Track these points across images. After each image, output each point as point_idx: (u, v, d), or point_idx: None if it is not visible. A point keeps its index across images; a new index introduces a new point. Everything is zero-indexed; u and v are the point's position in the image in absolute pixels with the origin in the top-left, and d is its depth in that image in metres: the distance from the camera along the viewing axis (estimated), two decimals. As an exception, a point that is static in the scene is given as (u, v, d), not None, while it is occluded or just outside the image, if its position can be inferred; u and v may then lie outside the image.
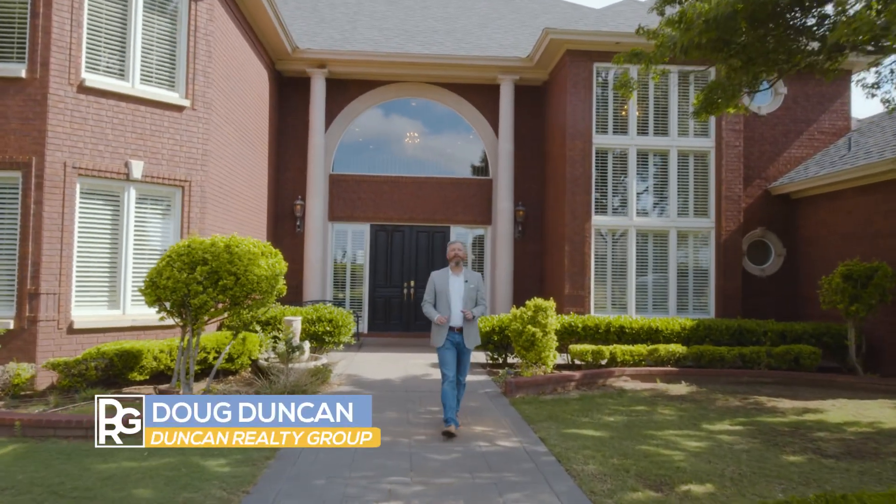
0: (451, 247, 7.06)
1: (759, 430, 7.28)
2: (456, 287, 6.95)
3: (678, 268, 13.57)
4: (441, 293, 6.95)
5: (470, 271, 7.14)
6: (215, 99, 10.65)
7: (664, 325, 11.30)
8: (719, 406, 8.61)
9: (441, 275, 7.10)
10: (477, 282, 7.09)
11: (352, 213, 16.02)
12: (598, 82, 13.67)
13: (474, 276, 7.11)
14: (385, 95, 16.26)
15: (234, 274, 7.56)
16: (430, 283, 7.12)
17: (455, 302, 6.90)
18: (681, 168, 13.72)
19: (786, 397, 9.37)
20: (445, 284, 6.96)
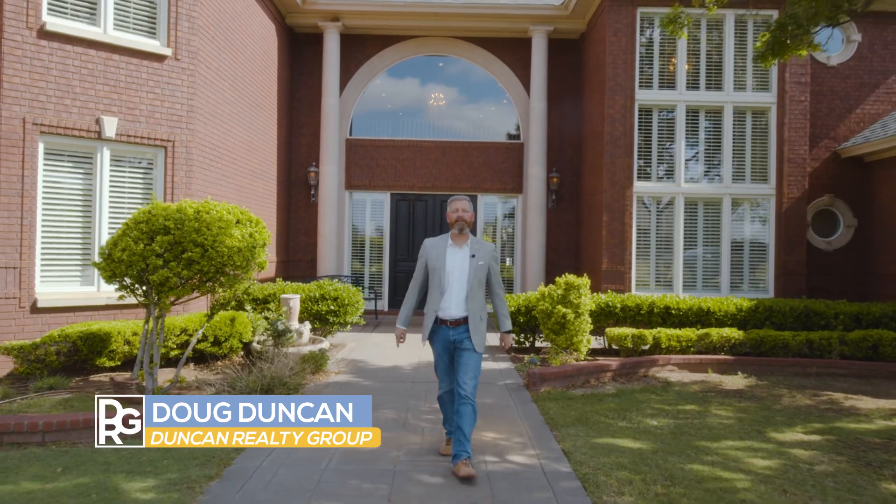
0: (453, 205, 4.96)
1: (841, 441, 5.82)
2: (457, 262, 4.89)
3: (732, 241, 11.98)
4: (435, 271, 4.89)
5: (480, 241, 5.02)
6: (203, 48, 9.41)
7: (717, 305, 9.79)
8: (786, 405, 7.15)
9: (437, 244, 4.99)
10: (488, 256, 4.95)
11: (370, 181, 14.75)
12: (643, 31, 12.03)
13: (485, 249, 4.96)
14: (406, 52, 14.84)
15: (200, 245, 6.35)
16: (421, 254, 5.04)
17: (455, 284, 4.87)
18: (737, 127, 12.06)
19: (866, 394, 7.84)
20: (442, 258, 4.89)
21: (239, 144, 11.11)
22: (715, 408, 6.92)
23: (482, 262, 4.90)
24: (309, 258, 14.67)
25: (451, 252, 4.93)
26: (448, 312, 4.86)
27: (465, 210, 4.91)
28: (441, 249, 4.95)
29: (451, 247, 4.94)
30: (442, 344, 4.92)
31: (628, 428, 6.00)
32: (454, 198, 5.01)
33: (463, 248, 4.92)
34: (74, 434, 5.16)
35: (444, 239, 5.00)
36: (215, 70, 9.91)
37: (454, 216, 4.93)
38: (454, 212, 4.94)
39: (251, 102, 11.71)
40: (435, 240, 5.05)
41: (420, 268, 5.04)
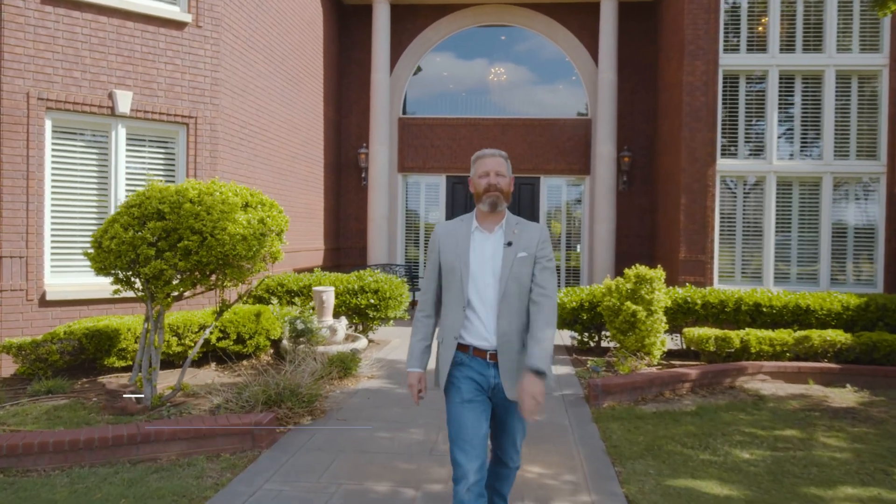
0: (481, 164, 3.11)
1: None
2: (486, 256, 3.02)
3: (832, 226, 10.35)
4: (454, 271, 3.03)
5: (521, 222, 3.12)
6: (229, 15, 8.54)
7: (817, 302, 8.30)
8: (914, 431, 5.73)
9: (454, 230, 3.12)
10: (533, 243, 3.03)
11: (424, 163, 13.72)
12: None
13: (529, 232, 3.07)
14: (461, 22, 13.69)
15: (198, 232, 5.45)
16: (431, 246, 3.21)
17: (484, 291, 2.99)
18: (840, 95, 10.39)
19: None
20: (463, 251, 3.03)
21: (276, 123, 10.25)
22: (822, 434, 5.57)
23: (524, 252, 2.97)
24: (360, 245, 13.80)
25: (478, 240, 3.02)
26: (475, 336, 2.97)
27: (498, 172, 3.02)
28: (460, 237, 3.04)
29: (478, 232, 3.03)
30: (471, 385, 2.98)
31: (712, 463, 4.76)
32: (482, 154, 3.11)
33: (495, 232, 3.02)
34: (30, 460, 4.34)
35: (466, 221, 3.09)
36: (245, 40, 9.03)
37: (482, 182, 3.02)
38: (482, 175, 3.04)
39: (290, 77, 10.82)
40: (451, 223, 3.14)
41: (432, 269, 3.14)
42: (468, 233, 3.04)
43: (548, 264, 3.02)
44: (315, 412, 5.67)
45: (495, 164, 3.05)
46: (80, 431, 4.46)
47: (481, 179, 3.04)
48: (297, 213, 11.18)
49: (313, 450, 4.80)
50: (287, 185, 10.71)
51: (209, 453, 4.61)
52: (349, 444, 4.94)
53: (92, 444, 4.35)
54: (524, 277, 2.96)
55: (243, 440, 4.72)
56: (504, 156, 3.12)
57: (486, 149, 3.11)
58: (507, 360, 2.93)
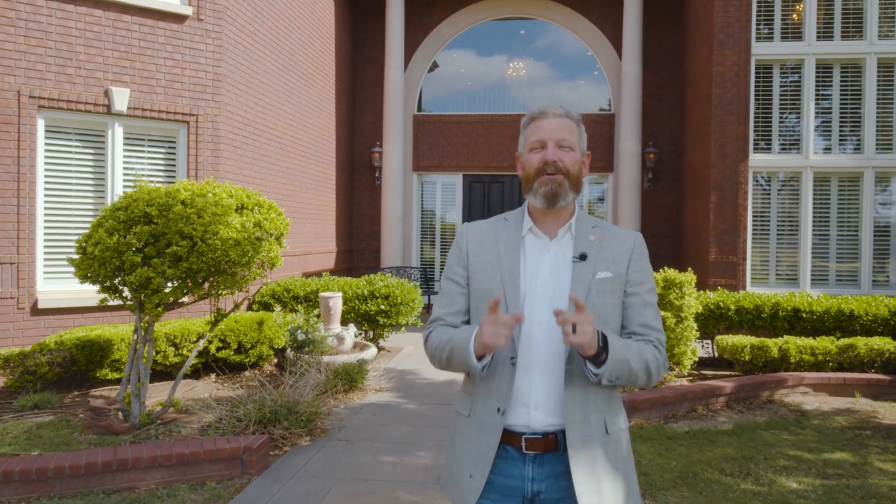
0: (537, 127, 1.90)
1: None
2: (545, 275, 1.89)
3: (875, 225, 9.69)
4: (482, 294, 1.90)
5: (603, 224, 1.98)
6: (232, 8, 8.13)
7: (862, 307, 7.68)
8: (980, 454, 5.13)
9: (490, 234, 1.99)
10: (624, 261, 1.91)
11: (440, 162, 13.24)
12: (761, -30, 9.87)
13: (617, 241, 1.94)
14: (478, 15, 13.19)
15: (188, 237, 5.02)
16: (454, 256, 2.02)
17: (537, 338, 1.84)
18: (882, 85, 9.72)
19: None
20: (511, 268, 1.89)
21: (284, 121, 9.84)
22: (877, 458, 5.00)
23: (608, 272, 1.88)
24: (374, 247, 13.37)
25: (532, 250, 1.93)
26: (524, 412, 1.84)
27: (562, 143, 1.87)
28: (504, 245, 1.95)
29: (532, 237, 1.95)
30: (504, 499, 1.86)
31: (756, 495, 4.22)
32: (537, 113, 1.93)
33: (559, 238, 1.93)
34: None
35: (513, 221, 2.00)
36: (250, 34, 8.63)
37: (535, 158, 1.89)
38: (535, 147, 1.90)
39: (300, 74, 10.41)
40: (488, 223, 2.04)
41: (452, 288, 2.00)
42: (516, 239, 1.92)
43: (649, 296, 1.90)
44: (315, 431, 5.23)
45: (558, 127, 1.86)
46: (51, 457, 4.05)
47: (533, 154, 1.88)
48: (307, 215, 10.77)
49: (308, 477, 4.35)
50: (296, 186, 10.30)
51: (193, 481, 4.17)
52: (348, 471, 4.47)
53: (62, 473, 3.94)
54: (608, 312, 1.85)
55: (231, 466, 4.28)
56: (574, 117, 1.92)
57: (547, 105, 1.91)
58: (583, 455, 1.79)
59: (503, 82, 13.52)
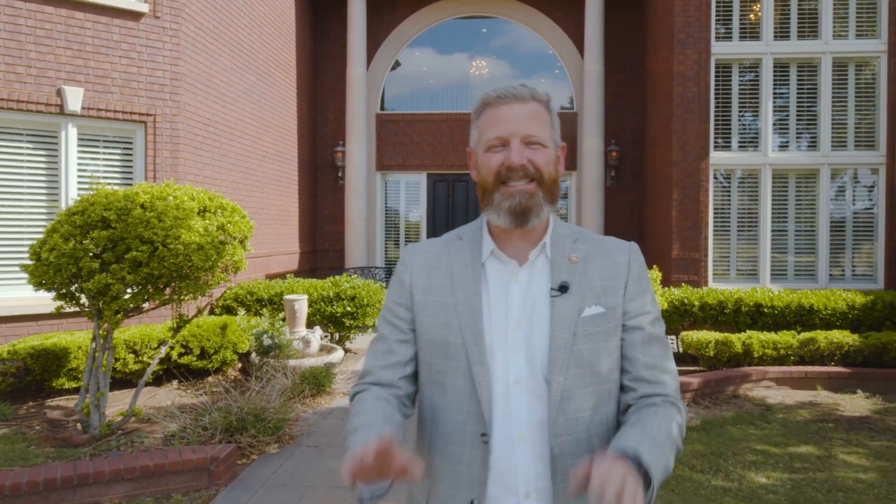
0: (496, 114, 1.41)
1: None
2: (513, 316, 1.41)
3: (831, 220, 9.92)
4: (442, 349, 1.43)
5: (585, 235, 1.53)
6: (190, 5, 7.93)
7: (821, 301, 7.86)
8: (937, 444, 5.28)
9: (440, 260, 1.50)
10: (620, 284, 1.45)
11: (404, 161, 13.16)
12: (719, -30, 10.02)
13: (606, 257, 1.48)
14: (441, 13, 13.14)
15: (149, 242, 4.87)
16: (391, 294, 1.54)
17: (514, 403, 1.38)
18: (837, 83, 9.95)
19: None
20: (470, 309, 1.41)
21: (245, 120, 9.65)
22: (841, 450, 5.09)
23: (598, 306, 1.41)
24: (338, 247, 13.23)
25: (496, 280, 1.45)
26: (511, 501, 1.37)
27: (531, 140, 1.40)
28: (459, 275, 1.46)
29: (495, 263, 1.47)
30: None
31: (727, 491, 4.26)
32: (493, 97, 1.42)
33: (530, 264, 1.46)
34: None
35: (469, 241, 1.51)
36: (209, 32, 8.43)
37: (495, 161, 1.40)
38: (495, 146, 1.41)
39: (260, 72, 10.22)
40: (435, 246, 1.55)
41: (390, 334, 1.51)
42: (475, 267, 1.45)
43: (655, 328, 1.45)
44: (283, 438, 5.12)
45: (523, 117, 1.40)
46: (6, 474, 3.87)
47: (492, 155, 1.41)
48: (269, 216, 10.60)
49: (278, 486, 4.25)
50: (258, 186, 10.12)
51: (158, 494, 4.04)
52: (319, 478, 4.39)
53: (19, 490, 3.77)
54: (603, 362, 1.40)
55: (198, 477, 4.16)
56: (543, 98, 1.44)
57: (507, 86, 1.42)
58: None
59: (466, 80, 13.50)
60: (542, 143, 1.41)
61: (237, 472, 4.44)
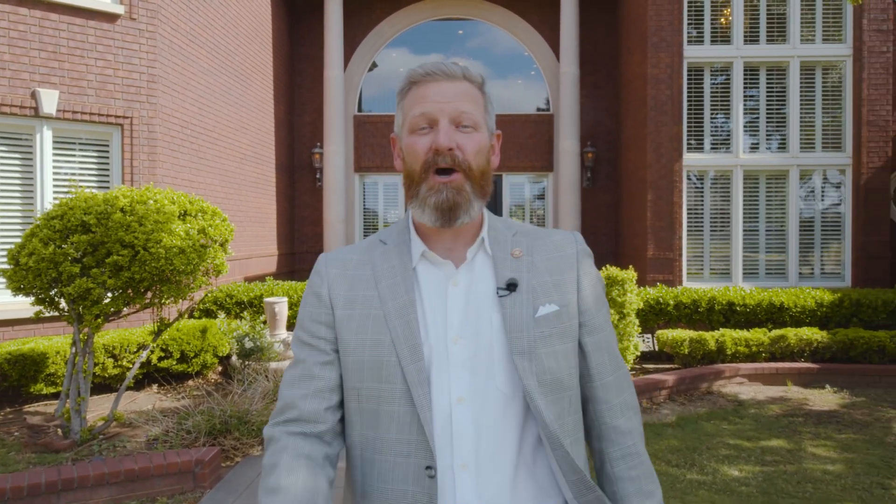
0: (422, 92, 1.26)
1: None
2: (453, 323, 1.23)
3: (801, 220, 10.17)
4: (372, 371, 1.22)
5: (524, 229, 1.37)
6: (167, 7, 7.91)
7: (791, 300, 8.07)
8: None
9: (363, 271, 1.31)
10: (572, 278, 1.31)
11: (382, 162, 13.21)
12: (691, -25, 10.21)
13: (551, 249, 1.33)
14: (417, 16, 13.21)
15: (130, 246, 4.87)
16: (305, 311, 1.32)
17: (463, 428, 1.20)
18: (805, 86, 10.20)
19: None
20: (405, 318, 1.23)
21: (223, 122, 9.63)
22: (810, 443, 5.26)
23: (551, 303, 1.27)
24: (316, 249, 13.23)
25: (429, 285, 1.28)
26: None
27: (460, 121, 1.25)
28: (389, 283, 1.28)
29: (427, 266, 1.30)
30: None
31: (702, 484, 4.39)
32: (421, 74, 1.27)
33: (468, 263, 1.29)
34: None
35: (395, 244, 1.33)
36: (185, 34, 8.41)
37: (420, 144, 1.24)
38: (420, 128, 1.25)
39: (237, 74, 10.20)
40: (356, 252, 1.36)
41: (309, 356, 1.28)
42: (405, 272, 1.28)
43: (608, 323, 1.35)
44: (266, 440, 5.14)
45: (452, 95, 1.25)
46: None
47: (416, 138, 1.26)
48: (247, 218, 10.58)
49: (263, 487, 4.28)
50: (236, 189, 10.10)
51: (144, 498, 4.05)
52: (304, 479, 4.43)
53: (3, 496, 3.77)
54: (563, 369, 1.25)
55: (183, 480, 4.18)
56: (476, 79, 1.30)
57: (435, 62, 1.27)
58: None
59: (443, 82, 13.56)
60: (473, 125, 1.25)
61: (222, 475, 4.47)
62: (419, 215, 1.26)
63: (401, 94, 1.31)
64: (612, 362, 1.33)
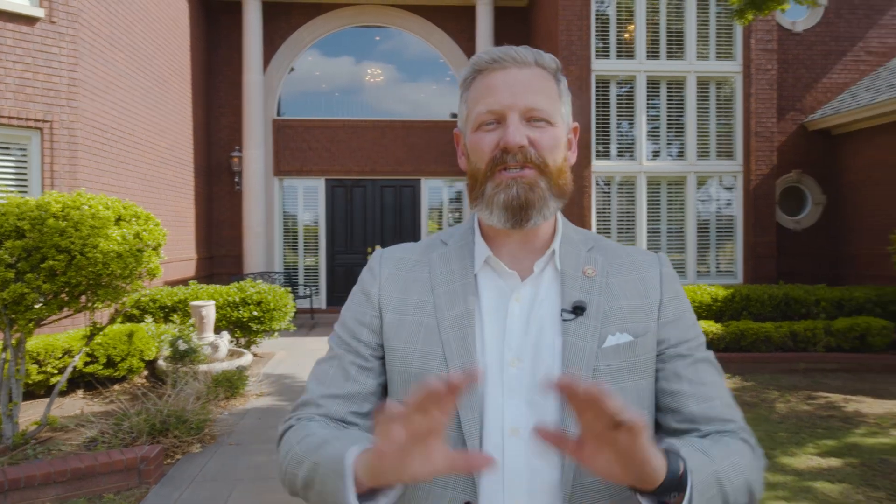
0: (491, 83, 1.12)
1: (866, 465, 4.85)
2: (512, 344, 1.10)
3: (698, 223, 11.06)
4: (411, 380, 1.12)
5: (601, 243, 1.21)
6: (87, 10, 7.84)
7: (691, 295, 8.82)
8: (784, 414, 6.19)
9: (419, 273, 1.20)
10: (653, 305, 1.14)
11: (302, 166, 13.32)
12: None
13: (632, 271, 1.18)
14: (337, 22, 13.41)
15: (66, 251, 4.93)
16: (350, 309, 1.22)
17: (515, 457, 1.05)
18: (700, 99, 11.11)
19: (865, 394, 6.97)
20: (461, 331, 1.11)
21: (142, 126, 9.55)
22: (707, 422, 5.89)
23: (624, 333, 1.11)
24: (235, 253, 13.18)
25: (490, 298, 1.15)
26: None
27: (532, 115, 1.10)
28: (446, 289, 1.16)
29: (489, 276, 1.17)
30: None
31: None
32: (487, 62, 1.13)
33: (535, 277, 1.15)
34: None
35: (456, 246, 1.22)
36: (106, 37, 8.33)
37: (487, 141, 1.11)
38: (487, 122, 1.12)
39: (156, 77, 10.13)
40: (415, 252, 1.25)
41: (346, 358, 1.18)
42: (465, 279, 1.17)
43: (700, 351, 1.15)
44: (205, 439, 5.30)
45: (524, 85, 1.11)
46: (-69, 485, 3.89)
47: (482, 135, 1.14)
48: (166, 222, 10.48)
49: (208, 481, 4.47)
50: (155, 193, 10.02)
51: (90, 495, 4.16)
52: (247, 472, 4.64)
53: (-54, 499, 3.80)
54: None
55: (128, 477, 4.30)
56: (550, 65, 1.16)
57: (503, 48, 1.14)
58: None
59: (363, 88, 13.83)
60: (548, 120, 1.11)
61: (165, 472, 4.61)
62: (486, 216, 1.12)
63: (464, 84, 1.19)
64: (702, 392, 1.10)
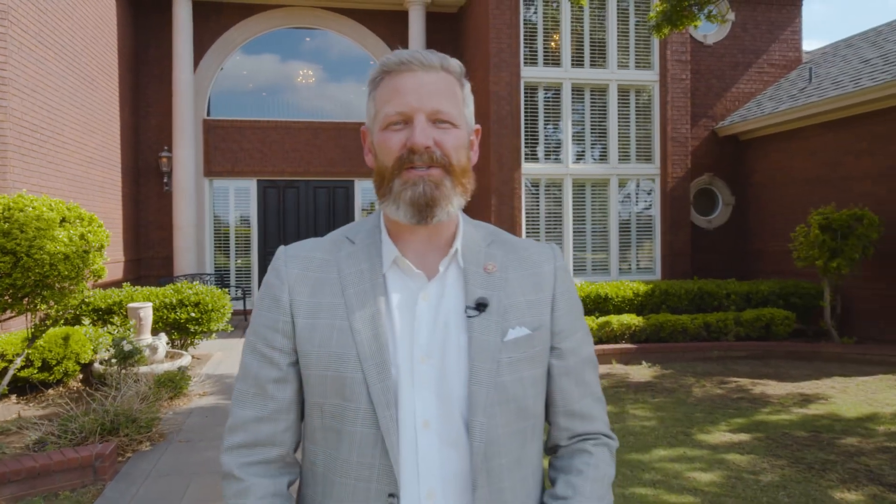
0: (399, 83, 1.15)
1: (770, 438, 5.41)
2: (421, 342, 1.15)
3: (620, 222, 11.69)
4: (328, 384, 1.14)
5: (500, 236, 1.29)
6: (16, 8, 7.68)
7: (614, 291, 9.38)
8: (700, 397, 6.76)
9: (328, 273, 1.20)
10: (546, 299, 1.23)
11: (233, 167, 13.26)
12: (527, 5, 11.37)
13: (528, 266, 1.25)
14: (268, 24, 13.42)
15: (11, 252, 4.93)
16: (260, 316, 1.21)
17: (428, 454, 1.13)
18: (621, 106, 11.75)
19: (770, 377, 7.65)
20: (374, 331, 1.14)
21: (70, 126, 9.37)
22: (631, 407, 6.37)
23: (522, 327, 1.19)
24: (164, 255, 12.99)
25: (399, 297, 1.18)
26: None
27: (438, 117, 1.15)
28: (356, 289, 1.17)
29: (396, 275, 1.20)
30: None
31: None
32: (395, 63, 1.16)
33: (440, 276, 1.20)
34: None
35: (362, 244, 1.23)
36: (34, 35, 8.17)
37: (395, 141, 1.15)
38: (395, 123, 1.15)
39: (84, 76, 9.94)
40: (322, 250, 1.24)
41: (263, 372, 1.19)
42: (374, 278, 1.19)
43: (586, 349, 1.28)
44: (154, 437, 5.38)
45: (430, 88, 1.16)
46: None
47: (390, 134, 1.16)
48: (97, 224, 10.30)
49: (162, 476, 4.58)
50: (83, 194, 9.83)
51: (46, 493, 4.21)
52: (201, 467, 4.77)
53: None
54: (529, 396, 1.19)
55: (83, 474, 4.38)
56: (455, 69, 1.23)
57: (411, 52, 1.17)
58: None
59: (295, 89, 13.87)
60: (452, 123, 1.16)
61: (118, 469, 4.69)
62: (393, 212, 1.15)
63: (373, 83, 1.20)
64: (580, 390, 1.24)
